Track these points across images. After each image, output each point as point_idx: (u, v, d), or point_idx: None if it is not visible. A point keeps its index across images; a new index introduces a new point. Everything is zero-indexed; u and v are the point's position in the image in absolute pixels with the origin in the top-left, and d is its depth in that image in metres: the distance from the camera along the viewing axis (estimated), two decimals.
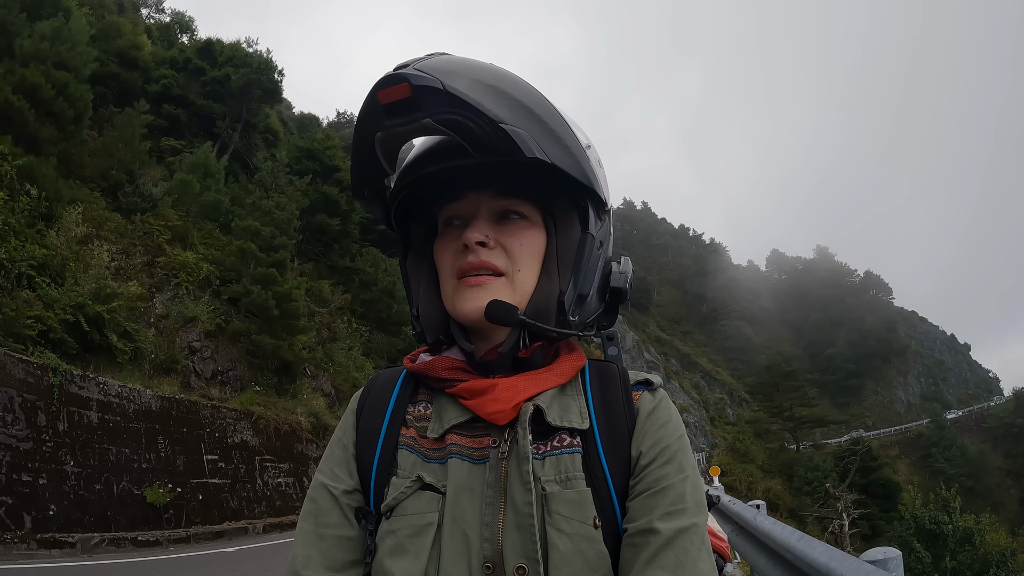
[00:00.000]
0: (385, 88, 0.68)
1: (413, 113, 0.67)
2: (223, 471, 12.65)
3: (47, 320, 10.32)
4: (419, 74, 0.67)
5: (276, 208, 18.07)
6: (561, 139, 0.72)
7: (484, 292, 0.72)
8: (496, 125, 0.67)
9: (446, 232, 0.78)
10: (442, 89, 0.66)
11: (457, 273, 0.74)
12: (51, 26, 14.18)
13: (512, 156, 0.68)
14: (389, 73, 0.69)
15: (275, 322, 16.26)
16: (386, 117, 0.69)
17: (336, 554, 0.72)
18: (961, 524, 16.97)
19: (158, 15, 35.02)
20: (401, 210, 0.82)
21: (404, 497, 0.70)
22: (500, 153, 0.68)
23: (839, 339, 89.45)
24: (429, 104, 0.67)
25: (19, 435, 8.72)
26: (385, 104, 0.68)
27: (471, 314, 0.72)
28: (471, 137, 0.67)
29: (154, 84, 22.64)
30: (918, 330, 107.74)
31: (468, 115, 0.66)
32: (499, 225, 0.75)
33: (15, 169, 11.64)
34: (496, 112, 0.67)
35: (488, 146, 0.67)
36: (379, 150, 0.73)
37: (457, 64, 0.70)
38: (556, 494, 0.68)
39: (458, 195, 0.76)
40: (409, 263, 0.83)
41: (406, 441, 0.75)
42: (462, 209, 0.76)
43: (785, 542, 3.53)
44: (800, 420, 50.61)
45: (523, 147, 0.68)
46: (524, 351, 0.75)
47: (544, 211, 0.77)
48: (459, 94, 0.66)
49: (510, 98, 0.69)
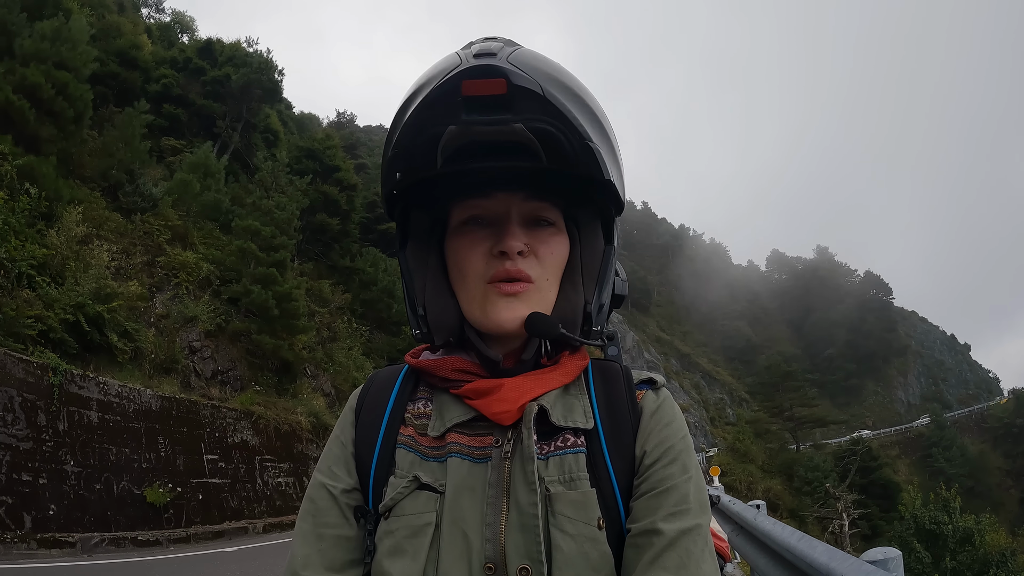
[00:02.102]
0: (475, 79, 0.61)
1: (504, 114, 0.62)
2: (223, 471, 12.65)
3: (47, 320, 10.32)
4: (517, 71, 0.61)
5: (276, 208, 18.08)
6: (617, 157, 0.71)
7: (520, 302, 0.69)
8: (584, 142, 0.64)
9: (469, 231, 0.72)
10: (541, 94, 0.62)
11: (490, 278, 0.70)
12: (51, 26, 14.18)
13: (588, 173, 0.65)
14: (478, 63, 0.62)
15: (275, 322, 16.27)
16: (467, 111, 0.62)
17: (335, 554, 0.71)
18: (961, 524, 16.97)
19: (158, 15, 35.07)
20: (406, 196, 0.76)
21: (401, 497, 0.69)
22: (578, 168, 0.65)
23: (839, 339, 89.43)
24: (524, 107, 0.62)
25: (19, 435, 8.72)
26: (470, 96, 0.61)
27: (508, 324, 0.69)
28: (558, 150, 0.64)
29: (154, 84, 22.65)
30: (918, 330, 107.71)
31: (561, 127, 0.63)
32: (530, 231, 0.72)
33: (15, 169, 11.64)
34: (585, 128, 0.64)
35: (570, 160, 0.64)
36: (442, 143, 0.65)
37: (546, 64, 0.65)
38: (560, 495, 0.66)
39: (487, 193, 0.71)
40: (410, 254, 0.78)
41: (404, 440, 0.74)
42: (490, 208, 0.71)
43: (785, 542, 3.53)
44: (800, 420, 50.62)
45: (603, 168, 0.66)
46: (547, 359, 0.74)
47: (566, 217, 0.75)
48: (557, 103, 0.62)
49: (591, 112, 0.67)
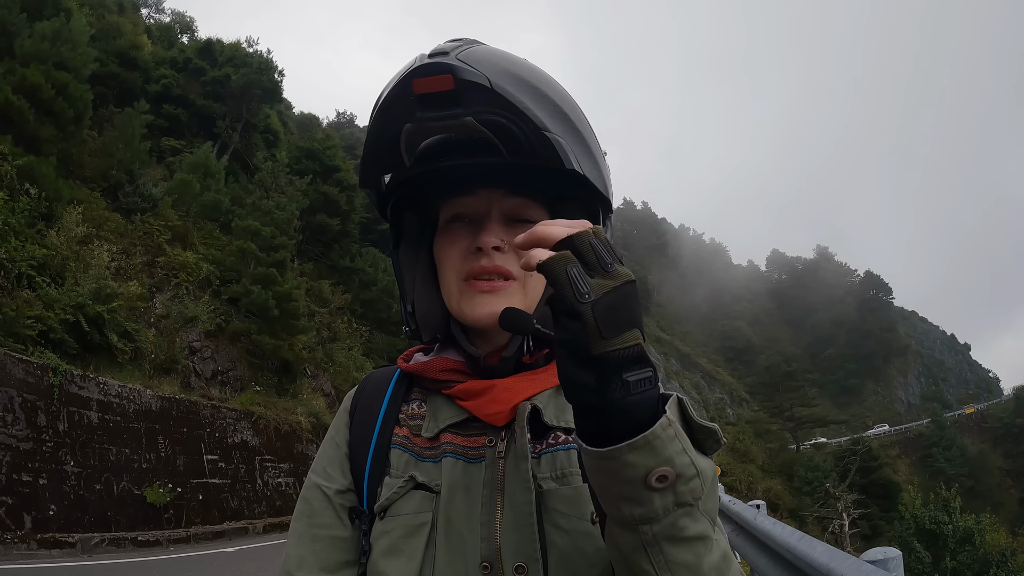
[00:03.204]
0: (423, 77, 0.62)
1: (453, 108, 0.63)
2: (223, 471, 12.65)
3: (47, 320, 10.32)
4: (464, 66, 0.62)
5: (276, 208, 18.08)
6: (590, 149, 0.71)
7: (497, 298, 0.70)
8: (540, 132, 0.64)
9: (452, 229, 0.74)
10: (489, 87, 0.62)
11: (466, 275, 0.71)
12: (51, 26, 14.19)
13: (549, 164, 0.65)
14: (428, 61, 0.63)
15: (275, 322, 16.27)
16: (420, 108, 0.64)
17: (329, 555, 0.71)
18: (961, 524, 16.96)
19: (158, 15, 35.08)
20: (398, 199, 0.78)
21: (397, 497, 0.70)
22: (538, 160, 0.65)
23: (839, 339, 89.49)
24: (473, 101, 0.62)
25: (19, 435, 8.72)
26: (421, 94, 0.63)
27: (483, 320, 0.70)
28: (512, 141, 0.64)
29: (154, 84, 22.66)
30: (918, 330, 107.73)
31: (513, 119, 0.63)
32: (511, 228, 0.72)
33: (15, 169, 11.64)
34: (540, 118, 0.64)
35: (527, 152, 0.65)
36: (403, 142, 0.67)
37: (500, 59, 0.66)
38: (553, 491, 0.67)
39: (469, 191, 0.72)
40: (402, 255, 0.80)
41: (399, 440, 0.74)
42: (472, 206, 0.73)
43: (785, 542, 3.52)
44: (800, 420, 50.64)
45: (563, 157, 0.65)
46: (528, 357, 0.74)
47: (551, 213, 0.75)
48: (506, 95, 0.63)
49: (551, 102, 0.67)
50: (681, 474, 0.49)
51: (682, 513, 0.51)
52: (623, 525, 0.52)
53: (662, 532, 0.51)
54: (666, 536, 0.51)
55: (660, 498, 0.50)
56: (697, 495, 0.51)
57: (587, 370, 0.48)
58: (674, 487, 0.50)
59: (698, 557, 0.52)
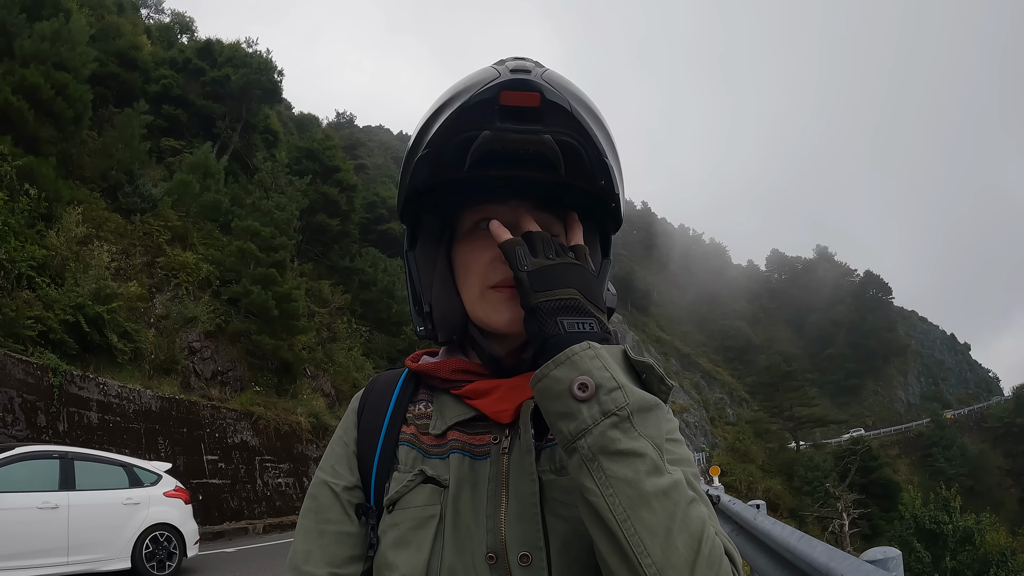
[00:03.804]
0: (513, 91, 0.67)
1: (535, 124, 0.68)
2: (223, 471, 12.66)
3: (47, 320, 10.33)
4: (549, 87, 0.68)
5: (276, 208, 18.09)
6: (622, 178, 0.77)
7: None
8: (601, 158, 0.71)
9: (480, 235, 0.76)
10: (569, 110, 0.68)
11: (492, 282, 0.74)
12: (51, 26, 14.20)
13: (599, 188, 0.72)
14: (517, 76, 0.68)
15: (275, 322, 16.28)
16: (502, 119, 0.68)
17: (336, 550, 0.73)
18: (961, 524, 16.99)
19: (158, 15, 35.13)
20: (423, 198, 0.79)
21: (407, 491, 0.72)
22: (593, 182, 0.71)
23: (839, 339, 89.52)
24: (553, 121, 0.68)
25: (19, 435, 8.73)
26: (506, 106, 0.67)
27: (507, 325, 0.73)
28: (577, 162, 0.70)
29: (154, 84, 22.66)
30: (918, 330, 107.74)
31: (583, 142, 0.69)
32: None
33: (15, 169, 11.65)
34: (603, 145, 0.71)
35: (587, 174, 0.70)
36: (473, 147, 0.70)
37: (572, 85, 0.72)
38: (552, 481, 0.69)
39: (502, 199, 0.75)
40: (418, 254, 0.82)
41: (407, 438, 0.76)
42: (500, 215, 0.75)
43: (785, 542, 3.53)
44: (800, 420, 50.68)
45: (615, 183, 0.73)
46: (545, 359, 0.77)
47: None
48: (581, 119, 0.69)
49: (606, 132, 0.74)
50: (601, 384, 0.58)
51: (610, 424, 0.57)
52: (568, 447, 0.59)
53: (596, 444, 0.57)
54: (600, 448, 0.56)
55: (587, 408, 0.58)
56: (620, 404, 0.57)
57: (531, 319, 0.65)
58: (597, 396, 0.57)
59: (637, 473, 0.56)
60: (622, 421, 0.57)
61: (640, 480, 0.56)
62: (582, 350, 0.60)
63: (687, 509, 0.57)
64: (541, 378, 0.60)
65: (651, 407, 0.60)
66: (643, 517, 0.55)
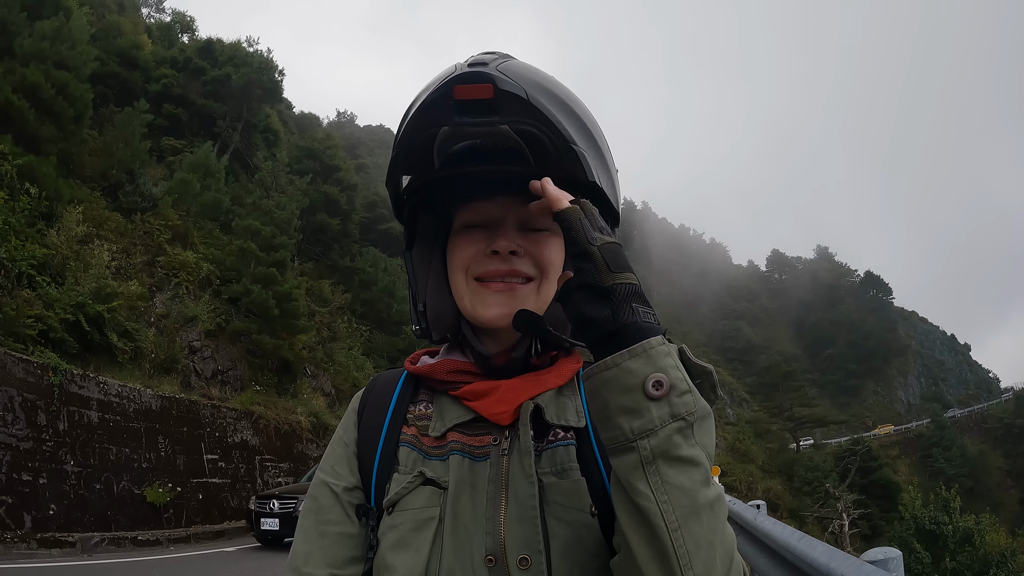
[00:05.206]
0: (465, 84, 0.67)
1: (491, 116, 0.67)
2: (223, 471, 12.67)
3: (47, 320, 10.33)
4: (504, 77, 0.67)
5: (276, 208, 18.09)
6: (607, 164, 0.76)
7: (511, 299, 0.73)
8: (568, 145, 0.68)
9: (469, 232, 0.76)
10: (525, 99, 0.67)
11: (478, 276, 0.74)
12: (51, 26, 14.19)
13: (571, 175, 0.70)
14: (470, 70, 0.68)
15: (275, 322, 16.28)
16: (458, 113, 0.67)
17: (336, 551, 0.73)
18: (961, 524, 16.98)
19: (158, 15, 35.07)
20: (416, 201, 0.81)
21: (406, 492, 0.71)
22: (562, 170, 0.69)
23: (839, 339, 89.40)
24: (510, 111, 0.67)
25: (19, 435, 8.73)
26: (461, 100, 0.67)
27: (495, 320, 0.72)
28: (541, 151, 0.68)
29: (154, 84, 22.64)
30: (918, 330, 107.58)
31: (544, 130, 0.68)
32: (526, 233, 0.75)
33: (15, 169, 11.64)
34: (569, 131, 0.69)
35: (554, 162, 0.69)
36: (437, 144, 0.71)
37: (534, 73, 0.70)
38: (552, 484, 0.69)
39: (487, 196, 0.75)
40: (415, 255, 0.82)
41: (407, 439, 0.76)
42: (489, 211, 0.75)
43: (785, 542, 3.53)
44: (800, 420, 50.65)
45: (587, 170, 0.70)
46: (536, 358, 0.76)
47: None
48: (540, 107, 0.67)
49: (577, 118, 0.71)
50: (675, 385, 0.55)
51: (677, 428, 0.55)
52: (623, 445, 0.55)
53: (659, 447, 0.54)
54: (662, 452, 0.54)
55: (657, 407, 0.54)
56: (690, 409, 0.55)
57: (602, 302, 0.59)
58: (669, 397, 0.55)
59: (693, 483, 0.54)
60: (687, 427, 0.55)
61: (696, 490, 0.54)
62: (659, 344, 0.57)
63: (726, 525, 0.57)
64: (611, 367, 0.56)
65: (707, 415, 0.58)
66: (693, 529, 0.54)
